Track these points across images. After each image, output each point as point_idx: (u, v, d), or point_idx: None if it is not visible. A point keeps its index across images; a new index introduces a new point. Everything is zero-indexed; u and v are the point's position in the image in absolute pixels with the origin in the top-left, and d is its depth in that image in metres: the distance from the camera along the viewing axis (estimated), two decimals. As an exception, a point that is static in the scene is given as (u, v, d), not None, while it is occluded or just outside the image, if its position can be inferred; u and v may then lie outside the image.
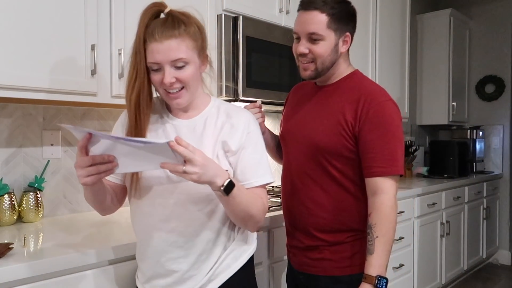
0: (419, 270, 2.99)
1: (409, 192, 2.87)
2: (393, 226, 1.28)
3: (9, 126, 1.72)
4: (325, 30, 1.31)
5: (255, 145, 1.18)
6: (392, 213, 1.28)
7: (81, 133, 0.97)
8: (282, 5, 2.30)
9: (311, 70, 1.35)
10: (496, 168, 4.39)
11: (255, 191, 1.15)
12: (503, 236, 4.34)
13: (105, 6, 1.62)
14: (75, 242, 1.37)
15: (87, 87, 1.57)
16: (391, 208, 1.28)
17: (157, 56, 1.05)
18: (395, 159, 1.29)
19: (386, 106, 1.32)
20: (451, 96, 4.09)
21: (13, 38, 1.39)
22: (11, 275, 1.12)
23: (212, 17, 1.97)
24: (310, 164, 1.38)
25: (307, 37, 1.32)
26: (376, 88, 1.37)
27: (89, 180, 0.98)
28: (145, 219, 1.15)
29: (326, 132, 1.34)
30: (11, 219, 1.62)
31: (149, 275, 1.17)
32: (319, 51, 1.32)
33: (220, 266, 1.16)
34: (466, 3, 4.47)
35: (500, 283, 3.81)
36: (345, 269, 1.36)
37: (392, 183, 1.29)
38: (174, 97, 1.10)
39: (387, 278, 1.24)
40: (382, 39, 3.18)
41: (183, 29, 1.06)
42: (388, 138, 1.29)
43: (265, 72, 2.16)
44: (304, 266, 1.44)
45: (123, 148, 0.96)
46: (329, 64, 1.35)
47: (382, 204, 1.27)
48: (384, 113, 1.30)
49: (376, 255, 1.25)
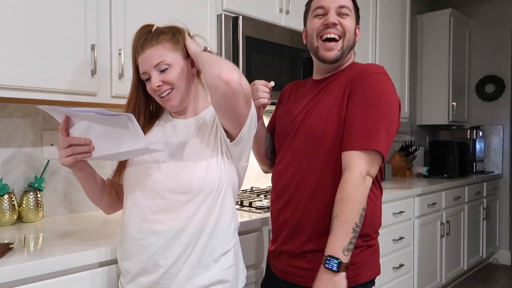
0: (419, 270, 2.99)
1: (409, 192, 2.87)
2: (353, 207, 1.13)
3: (9, 126, 1.72)
4: (351, 8, 1.33)
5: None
6: (354, 193, 1.14)
7: (59, 114, 1.06)
8: (282, 5, 2.30)
9: (337, 50, 1.30)
10: (496, 168, 4.39)
11: None
12: (503, 236, 4.35)
13: (105, 6, 1.62)
14: (75, 242, 1.37)
15: (87, 87, 1.56)
16: (354, 186, 1.14)
17: (142, 66, 1.16)
18: (372, 133, 1.16)
19: (376, 78, 1.22)
20: (451, 96, 4.09)
21: (13, 38, 1.39)
22: (11, 275, 1.11)
23: (212, 17, 1.97)
24: (310, 161, 1.28)
25: (336, 10, 1.30)
26: (371, 64, 1.30)
27: (67, 161, 1.07)
28: (135, 212, 1.15)
29: (324, 122, 1.26)
30: (11, 219, 1.62)
31: (134, 273, 1.15)
32: (348, 25, 1.30)
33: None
34: (466, 3, 4.47)
35: (500, 283, 3.81)
36: None
37: (362, 160, 1.16)
38: (166, 100, 1.18)
39: (338, 259, 1.10)
40: (382, 39, 3.18)
41: (162, 37, 1.15)
42: (371, 111, 1.18)
43: (265, 72, 2.16)
44: (289, 275, 1.32)
45: (97, 129, 1.04)
46: (352, 45, 1.33)
47: (344, 181, 1.15)
48: (372, 85, 1.20)
49: (332, 235, 1.13)
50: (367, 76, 1.22)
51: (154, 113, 1.29)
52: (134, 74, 1.23)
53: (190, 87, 1.21)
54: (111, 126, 1.02)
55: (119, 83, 1.65)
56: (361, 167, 1.16)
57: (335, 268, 1.10)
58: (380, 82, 1.22)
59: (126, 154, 1.12)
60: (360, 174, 1.15)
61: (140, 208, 1.15)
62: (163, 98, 1.17)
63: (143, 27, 1.20)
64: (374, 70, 1.24)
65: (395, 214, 2.69)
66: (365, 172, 1.16)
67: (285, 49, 2.25)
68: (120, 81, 1.65)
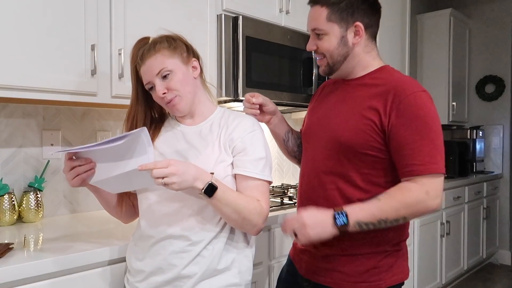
0: (419, 270, 2.99)
1: (409, 192, 2.87)
2: (398, 209, 1.12)
3: (9, 126, 1.72)
4: (325, 24, 1.25)
5: (259, 145, 1.20)
6: (409, 201, 1.11)
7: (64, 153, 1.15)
8: (282, 5, 2.30)
9: (324, 66, 1.31)
10: (496, 168, 4.39)
11: (252, 192, 1.16)
12: (503, 236, 4.34)
13: (105, 6, 1.62)
14: (75, 242, 1.37)
15: (87, 87, 1.56)
16: (414, 198, 1.11)
17: (145, 76, 1.18)
18: (435, 155, 1.14)
19: (419, 97, 1.17)
20: (451, 96, 4.09)
21: (12, 38, 1.38)
22: (11, 275, 1.11)
23: (212, 17, 1.97)
24: (330, 163, 1.26)
25: (312, 33, 1.30)
26: (406, 79, 1.25)
27: (75, 182, 1.14)
28: (150, 214, 1.19)
29: (350, 128, 1.22)
30: (11, 219, 1.62)
31: (148, 272, 1.17)
32: (325, 46, 1.28)
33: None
34: (466, 3, 4.47)
35: (500, 283, 3.81)
36: (356, 285, 1.23)
37: (434, 182, 1.13)
38: (172, 105, 1.19)
39: (348, 221, 1.11)
40: (382, 39, 3.18)
41: (159, 46, 1.18)
42: (426, 132, 1.15)
43: (265, 72, 2.16)
44: (312, 274, 1.31)
45: (100, 154, 1.11)
46: (340, 58, 1.27)
47: (408, 189, 1.12)
48: (418, 105, 1.16)
49: (362, 205, 1.14)
50: (409, 95, 1.17)
51: (158, 120, 1.31)
52: (133, 86, 1.24)
53: (194, 91, 1.23)
54: (119, 153, 1.07)
55: (119, 83, 1.65)
56: (435, 190, 1.13)
57: (338, 222, 1.11)
58: (423, 100, 1.18)
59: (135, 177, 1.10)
60: (427, 192, 1.12)
61: (155, 211, 1.18)
62: (169, 104, 1.19)
63: (140, 40, 1.23)
64: (415, 89, 1.19)
65: (395, 214, 2.68)
66: (440, 195, 1.14)
67: (285, 49, 2.25)
68: (120, 81, 1.65)
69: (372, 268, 1.20)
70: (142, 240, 1.21)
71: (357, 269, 1.23)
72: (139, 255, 1.21)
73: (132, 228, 1.32)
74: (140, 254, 1.20)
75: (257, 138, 1.21)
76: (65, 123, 1.86)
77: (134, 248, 1.24)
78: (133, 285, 1.22)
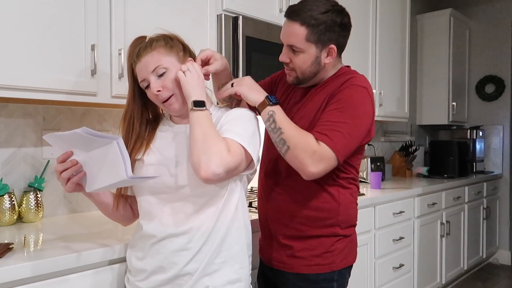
0: (419, 270, 2.99)
1: (409, 192, 2.87)
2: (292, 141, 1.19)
3: (9, 126, 1.72)
4: (303, 43, 1.28)
5: (244, 121, 1.17)
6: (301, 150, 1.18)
7: (56, 144, 1.15)
8: (282, 5, 2.30)
9: (293, 77, 1.36)
10: (496, 168, 4.39)
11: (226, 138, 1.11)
12: (503, 236, 4.35)
13: (105, 6, 1.62)
14: (75, 242, 1.37)
15: (87, 87, 1.56)
16: (305, 139, 1.18)
17: (140, 74, 1.18)
18: (338, 136, 1.19)
19: (354, 90, 1.26)
20: (451, 96, 4.09)
21: (12, 39, 1.38)
22: (11, 275, 1.12)
23: (212, 17, 1.97)
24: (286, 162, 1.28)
25: (288, 47, 1.32)
26: (356, 76, 1.32)
27: (68, 187, 1.13)
28: (150, 215, 1.19)
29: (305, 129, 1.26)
30: (11, 219, 1.62)
31: (150, 271, 1.18)
32: (298, 63, 1.31)
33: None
34: (466, 3, 4.47)
35: (500, 283, 3.81)
36: (311, 268, 1.35)
37: (325, 151, 1.18)
38: (167, 104, 1.18)
39: (277, 101, 1.24)
40: (382, 39, 3.18)
41: (155, 44, 1.18)
42: (346, 116, 1.21)
43: (265, 72, 2.16)
44: (273, 261, 1.43)
45: (93, 159, 1.10)
46: (311, 75, 1.33)
47: (310, 139, 1.19)
48: (351, 94, 1.25)
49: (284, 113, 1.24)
50: (347, 87, 1.27)
51: (153, 120, 1.30)
52: (130, 85, 1.24)
53: None
54: (104, 154, 1.06)
55: (119, 83, 1.65)
56: (318, 150, 1.18)
57: (270, 98, 1.23)
58: (357, 94, 1.26)
59: (131, 181, 1.12)
60: (314, 152, 1.17)
61: (156, 212, 1.18)
62: (164, 103, 1.18)
63: (137, 39, 1.23)
64: (355, 82, 1.28)
65: (395, 214, 2.69)
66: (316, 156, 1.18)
67: (285, 49, 2.25)
68: (120, 81, 1.64)
69: (325, 252, 1.34)
70: (142, 240, 1.21)
71: (312, 253, 1.35)
72: (139, 255, 1.21)
73: (132, 228, 1.32)
74: (140, 253, 1.21)
75: (243, 115, 1.18)
76: (65, 123, 1.86)
77: (134, 248, 1.24)
78: (134, 285, 1.22)
